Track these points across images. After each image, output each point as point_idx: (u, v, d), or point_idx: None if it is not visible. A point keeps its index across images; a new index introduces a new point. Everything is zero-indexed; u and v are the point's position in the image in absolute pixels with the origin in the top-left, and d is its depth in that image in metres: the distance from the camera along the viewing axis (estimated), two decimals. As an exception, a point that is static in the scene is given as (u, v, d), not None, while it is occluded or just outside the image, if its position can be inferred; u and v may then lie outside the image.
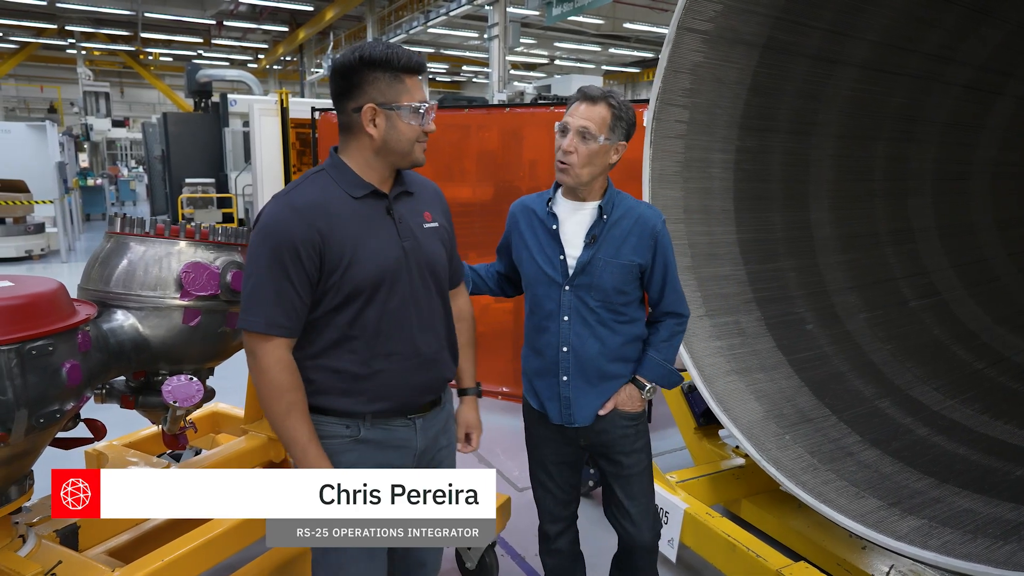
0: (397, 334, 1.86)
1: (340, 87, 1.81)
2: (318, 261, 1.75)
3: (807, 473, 2.93)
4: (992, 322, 3.98)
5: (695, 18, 3.29)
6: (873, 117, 4.03)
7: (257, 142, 12.04)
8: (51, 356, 1.94)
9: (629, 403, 2.30)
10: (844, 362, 3.60)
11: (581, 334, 2.24)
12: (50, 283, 2.11)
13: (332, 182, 1.83)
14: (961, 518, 2.55)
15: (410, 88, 1.80)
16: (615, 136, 2.16)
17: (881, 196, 4.15)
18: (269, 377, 1.75)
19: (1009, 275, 4.24)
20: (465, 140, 5.97)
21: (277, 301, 1.73)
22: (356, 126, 1.82)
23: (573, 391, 2.28)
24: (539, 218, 2.30)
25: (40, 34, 31.81)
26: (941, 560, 2.27)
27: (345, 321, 1.81)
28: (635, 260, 2.22)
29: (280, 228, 1.73)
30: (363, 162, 1.85)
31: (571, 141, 2.14)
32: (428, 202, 2.03)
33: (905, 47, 3.84)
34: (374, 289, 1.81)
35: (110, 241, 2.52)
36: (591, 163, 2.15)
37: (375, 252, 1.81)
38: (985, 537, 2.37)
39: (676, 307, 2.33)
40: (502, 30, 17.91)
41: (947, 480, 2.84)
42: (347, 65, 1.78)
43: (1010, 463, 2.92)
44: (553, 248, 2.25)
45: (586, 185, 2.21)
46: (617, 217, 2.24)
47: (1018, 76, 4.11)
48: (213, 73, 17.89)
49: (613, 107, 2.14)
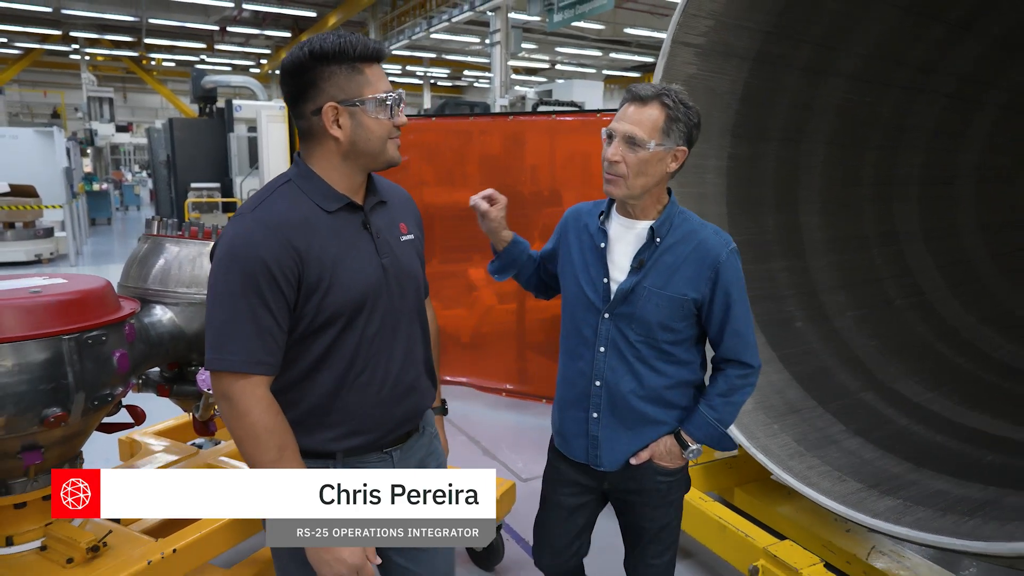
0: (373, 361, 1.69)
1: (293, 89, 1.60)
2: (295, 284, 1.56)
3: (793, 459, 3.13)
4: (974, 321, 4.19)
5: (689, 33, 3.49)
6: (861, 125, 4.23)
7: (265, 147, 12.27)
8: (104, 345, 2.15)
9: (668, 458, 2.02)
10: (831, 357, 3.80)
11: (617, 369, 1.99)
12: (99, 280, 2.32)
13: (301, 194, 1.63)
14: (934, 498, 2.75)
15: (371, 79, 1.60)
16: (670, 140, 1.86)
17: (869, 200, 4.35)
18: (251, 421, 1.54)
19: (991, 276, 4.44)
20: (468, 145, 6.17)
21: (257, 333, 1.53)
22: (318, 130, 1.61)
23: (603, 430, 2.03)
24: (589, 232, 2.05)
25: (45, 40, 32.01)
26: (912, 534, 2.47)
27: (320, 349, 1.63)
28: (688, 294, 1.93)
29: (252, 249, 1.52)
30: (331, 169, 1.65)
31: (616, 149, 1.88)
32: (402, 211, 1.85)
33: (892, 59, 4.04)
34: (354, 313, 1.64)
35: (147, 243, 2.73)
36: (643, 173, 1.87)
37: (355, 273, 1.63)
38: (954, 514, 2.57)
39: (740, 354, 2.00)
40: (504, 36, 18.13)
41: (923, 465, 3.04)
42: (297, 63, 1.57)
43: (982, 449, 3.12)
44: (598, 269, 2.01)
45: (638, 199, 1.93)
46: (673, 242, 1.94)
47: (998, 86, 4.32)
48: (218, 79, 18.09)
49: (667, 107, 1.85)
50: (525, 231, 5.77)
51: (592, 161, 5.50)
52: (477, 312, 6.28)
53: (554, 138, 5.79)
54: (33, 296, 2.04)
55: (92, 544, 2.14)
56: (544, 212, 5.84)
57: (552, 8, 16.10)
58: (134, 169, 30.36)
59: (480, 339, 6.22)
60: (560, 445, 2.17)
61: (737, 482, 3.61)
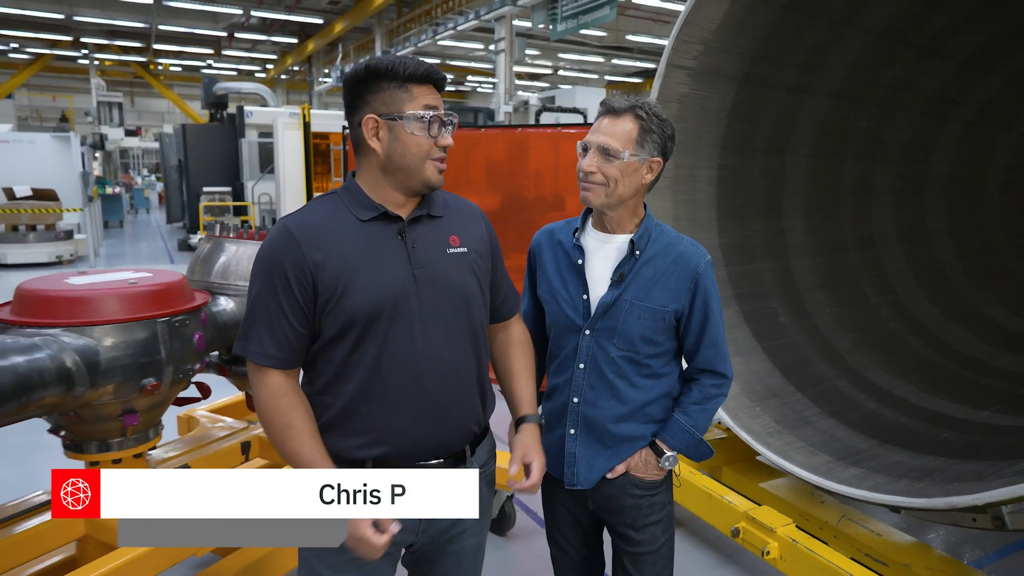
0: (398, 373, 1.68)
1: (347, 100, 1.70)
2: (311, 289, 1.63)
3: (773, 437, 3.54)
4: (941, 317, 4.59)
5: (682, 57, 3.90)
6: (840, 138, 4.64)
7: (280, 154, 12.70)
8: (187, 328, 2.57)
9: (643, 470, 2.00)
10: (810, 349, 4.20)
11: (596, 386, 1.99)
12: (177, 275, 2.74)
13: (341, 205, 1.70)
14: (892, 468, 3.16)
15: (416, 96, 1.65)
16: (644, 152, 1.90)
17: (847, 207, 4.76)
18: (261, 403, 1.67)
19: (958, 276, 4.84)
20: (475, 151, 6.60)
21: (269, 329, 1.64)
22: (361, 141, 1.68)
23: (580, 447, 2.01)
24: (564, 249, 2.06)
25: (55, 46, 32.42)
26: (869, 495, 2.87)
27: (342, 355, 1.67)
28: (669, 306, 1.95)
29: (274, 252, 1.64)
30: (373, 182, 1.71)
31: (591, 160, 1.91)
32: (461, 226, 1.83)
33: (867, 79, 4.45)
34: (372, 319, 1.65)
35: (209, 243, 3.16)
36: (620, 183, 1.90)
37: (374, 279, 1.65)
38: (907, 479, 2.97)
39: (715, 364, 2.02)
40: (508, 44, 18.51)
41: (886, 441, 3.44)
42: (353, 77, 1.68)
43: (939, 428, 3.52)
44: (576, 285, 2.01)
45: (615, 210, 1.96)
46: (652, 254, 1.96)
47: (964, 104, 4.73)
48: (229, 86, 18.52)
49: (641, 119, 1.90)
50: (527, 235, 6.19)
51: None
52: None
53: (558, 146, 6.21)
54: (132, 287, 2.46)
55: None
56: (547, 216, 6.26)
57: (556, 18, 16.54)
58: (143, 173, 30.75)
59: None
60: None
61: (725, 461, 4.01)
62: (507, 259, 6.46)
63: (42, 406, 2.19)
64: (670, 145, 1.97)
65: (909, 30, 4.18)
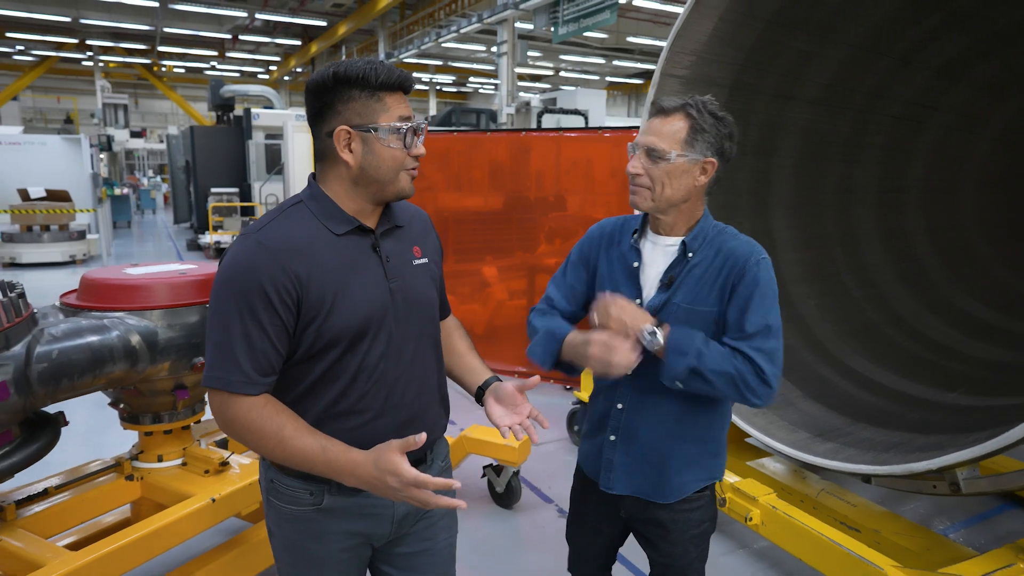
0: (375, 386, 1.64)
1: (313, 108, 1.61)
2: (295, 309, 1.54)
3: (757, 417, 3.85)
4: (918, 308, 4.90)
5: (675, 66, 4.22)
6: (824, 142, 4.95)
7: (290, 155, 13.01)
8: (230, 313, 2.88)
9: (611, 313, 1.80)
10: (795, 338, 4.52)
11: (644, 389, 1.92)
12: (216, 266, 3.05)
13: (311, 216, 1.61)
14: (863, 442, 3.47)
15: (390, 107, 1.58)
16: (695, 152, 1.81)
17: (831, 206, 5.07)
18: (240, 426, 1.54)
19: (935, 270, 5.16)
20: (478, 152, 6.93)
21: (250, 355, 1.51)
22: (331, 152, 1.61)
23: (618, 455, 1.97)
24: (621, 251, 1.99)
25: (60, 48, 32.75)
26: (840, 465, 3.19)
27: (319, 371, 1.61)
28: (714, 307, 1.85)
29: (249, 270, 1.50)
30: (343, 193, 1.63)
31: (636, 162, 1.85)
32: (418, 235, 1.81)
33: (848, 87, 4.76)
34: (357, 337, 1.61)
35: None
36: (669, 185, 1.82)
37: (359, 298, 1.60)
38: (874, 451, 3.28)
39: (761, 343, 1.79)
40: (510, 47, 18.83)
41: (860, 420, 3.76)
42: (320, 83, 1.58)
43: (910, 408, 3.83)
44: (630, 289, 1.93)
45: (665, 213, 1.88)
46: (705, 255, 1.87)
47: (940, 109, 5.04)
48: (236, 88, 18.77)
49: (692, 116, 1.81)
50: (531, 234, 6.55)
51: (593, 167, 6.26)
52: (490, 307, 7.01)
53: (553, 149, 6.52)
54: (183, 276, 2.77)
55: (223, 460, 2.88)
56: (549, 216, 6.58)
57: (557, 22, 16.88)
58: (148, 174, 31.06)
59: (493, 330, 6.95)
60: (582, 462, 2.15)
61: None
62: (512, 256, 6.79)
63: (110, 379, 2.51)
64: (728, 145, 1.86)
65: (885, 42, 4.49)
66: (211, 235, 14.61)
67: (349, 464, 1.48)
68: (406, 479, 1.41)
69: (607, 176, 6.13)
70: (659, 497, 1.97)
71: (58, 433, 2.54)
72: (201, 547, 3.08)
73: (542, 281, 6.68)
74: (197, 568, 2.69)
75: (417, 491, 1.42)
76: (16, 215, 12.30)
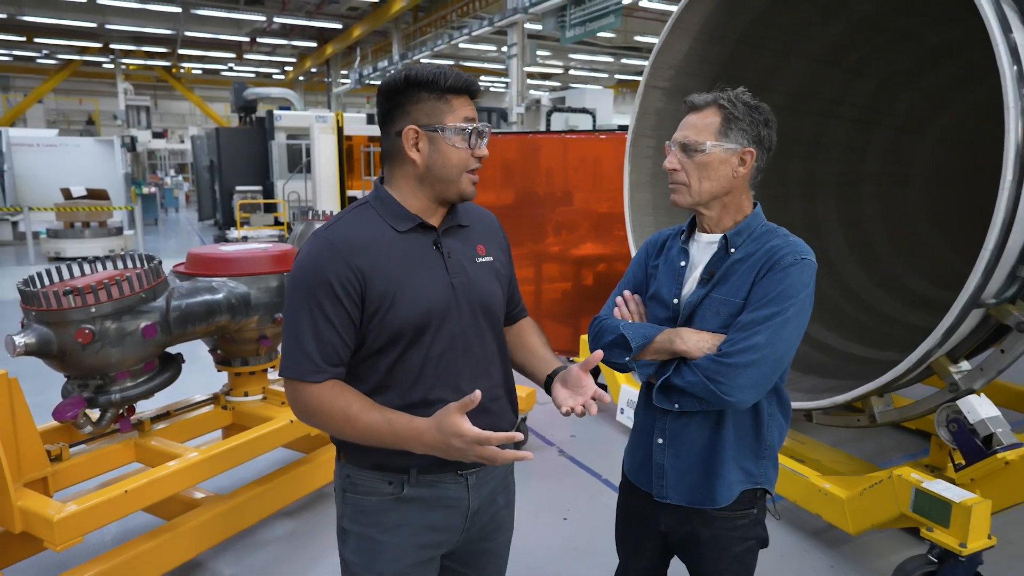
0: (442, 380, 1.69)
1: (384, 109, 1.69)
2: (359, 301, 1.61)
3: (723, 371, 4.64)
4: (870, 285, 5.66)
5: (657, 79, 5.01)
6: (789, 142, 5.70)
7: (316, 156, 13.83)
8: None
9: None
10: (761, 309, 5.30)
11: (676, 416, 1.86)
12: (289, 246, 3.87)
13: (376, 215, 1.69)
14: (808, 388, 4.24)
15: (456, 109, 1.66)
16: (731, 141, 1.80)
17: (796, 198, 5.85)
18: (311, 410, 1.63)
19: (886, 254, 5.92)
20: (490, 150, 7.69)
21: (318, 345, 1.59)
22: (399, 151, 1.68)
23: (668, 459, 1.89)
24: (671, 256, 1.97)
25: (83, 52, 33.66)
26: (783, 402, 3.98)
27: (387, 365, 1.67)
28: (741, 301, 1.77)
29: (316, 266, 1.60)
30: (408, 192, 1.71)
31: (672, 157, 1.85)
32: (484, 235, 1.87)
33: (808, 94, 5.53)
34: (419, 331, 1.65)
35: (303, 224, 4.29)
36: (706, 177, 1.81)
37: (420, 291, 1.65)
38: (816, 394, 4.06)
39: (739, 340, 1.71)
40: (520, 49, 19.52)
41: (807, 373, 4.54)
42: (392, 86, 1.66)
43: (849, 363, 4.61)
44: (671, 288, 1.91)
45: (707, 207, 1.85)
46: (750, 251, 1.82)
47: (890, 113, 5.81)
48: (259, 91, 19.58)
49: (724, 107, 1.82)
50: (540, 228, 7.32)
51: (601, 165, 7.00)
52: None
53: (561, 149, 7.30)
54: (265, 251, 3.60)
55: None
56: (556, 211, 7.35)
57: (565, 25, 17.63)
58: (170, 173, 31.99)
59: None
60: (628, 470, 2.08)
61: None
62: (519, 248, 7.62)
63: (217, 327, 3.35)
64: (765, 132, 1.85)
65: (839, 56, 5.27)
66: (238, 231, 15.45)
67: (414, 432, 1.55)
68: (469, 438, 1.47)
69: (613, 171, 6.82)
70: (708, 503, 1.86)
71: (180, 368, 3.37)
72: (269, 468, 3.92)
73: (549, 269, 7.47)
74: (277, 476, 3.53)
75: (482, 448, 1.48)
76: (60, 213, 13.20)
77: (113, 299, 2.89)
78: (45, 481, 2.89)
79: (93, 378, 2.99)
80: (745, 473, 1.87)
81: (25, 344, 2.76)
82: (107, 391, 3.04)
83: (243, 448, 3.25)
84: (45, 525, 2.55)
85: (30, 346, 2.78)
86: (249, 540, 3.54)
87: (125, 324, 2.93)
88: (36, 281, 2.93)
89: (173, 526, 3.04)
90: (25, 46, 31.82)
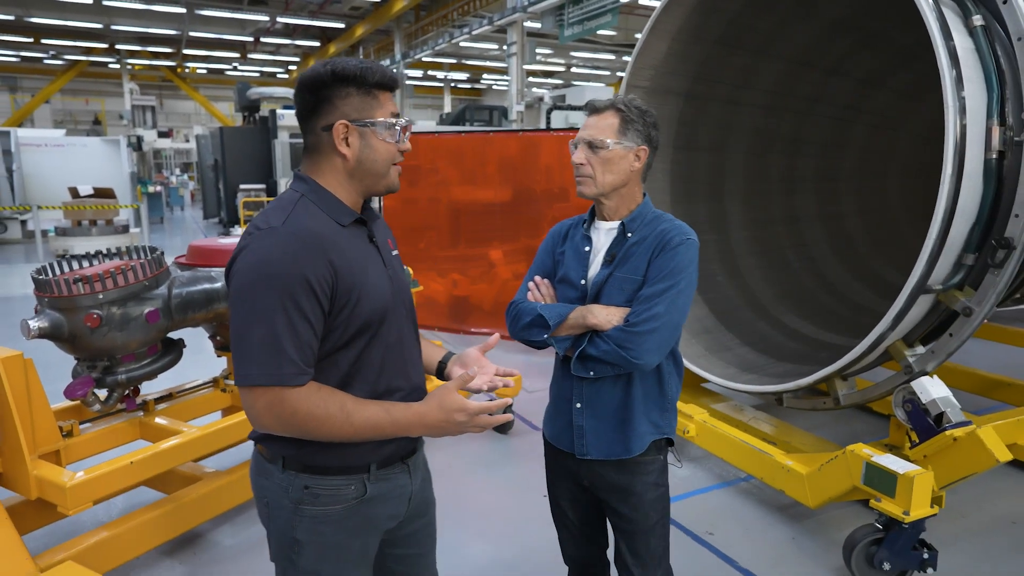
0: (397, 369, 1.75)
1: (308, 103, 1.66)
2: (330, 295, 1.58)
3: (701, 359, 4.86)
4: (848, 277, 5.88)
5: (638, 79, 5.22)
6: (769, 139, 5.93)
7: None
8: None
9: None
10: (740, 300, 5.52)
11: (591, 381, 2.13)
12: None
13: (318, 209, 1.65)
14: (780, 374, 4.47)
15: (383, 104, 1.68)
16: (628, 140, 2.06)
17: (776, 193, 6.06)
18: (314, 415, 1.57)
19: (863, 247, 6.13)
20: (489, 148, 7.94)
21: (297, 346, 1.53)
22: (326, 146, 1.67)
23: (587, 420, 2.15)
24: (575, 242, 2.22)
25: (89, 52, 33.98)
26: (758, 388, 4.19)
27: (350, 360, 1.66)
28: (640, 277, 2.05)
29: (291, 261, 1.52)
30: (337, 186, 1.69)
31: (580, 153, 2.08)
32: (385, 229, 1.90)
33: (786, 94, 5.74)
34: (379, 323, 1.69)
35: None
36: (608, 171, 2.06)
37: (376, 284, 1.68)
38: (787, 378, 4.28)
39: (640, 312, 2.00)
40: (520, 48, 19.73)
41: (782, 360, 4.76)
42: (317, 79, 1.63)
43: (821, 351, 4.82)
44: (577, 271, 2.17)
45: (608, 197, 2.11)
46: (643, 235, 2.10)
47: (866, 111, 6.02)
48: (262, 91, 19.80)
49: (621, 111, 2.06)
50: (536, 225, 7.54)
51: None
52: (496, 285, 8.02)
53: (563, 146, 7.51)
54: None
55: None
56: (553, 207, 7.56)
57: (563, 24, 17.85)
58: (175, 172, 32.26)
59: (499, 305, 7.96)
60: (553, 436, 2.31)
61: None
62: (517, 242, 7.84)
63: (216, 314, 3.58)
64: (654, 133, 2.12)
65: (813, 57, 5.48)
66: (242, 228, 15.69)
67: (415, 416, 1.63)
68: (472, 411, 1.63)
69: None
70: (624, 454, 2.13)
71: (181, 353, 3.61)
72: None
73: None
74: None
75: (481, 418, 1.64)
76: (68, 211, 13.47)
77: (119, 286, 3.13)
78: (58, 454, 3.13)
79: (101, 360, 3.24)
80: (653, 425, 2.16)
81: (39, 328, 3.00)
82: (114, 372, 3.28)
83: (240, 427, 3.48)
84: (58, 491, 2.80)
85: (43, 330, 3.02)
86: (248, 513, 3.78)
87: (130, 310, 3.17)
88: (48, 271, 3.18)
89: (176, 498, 3.28)
90: (32, 47, 32.18)
